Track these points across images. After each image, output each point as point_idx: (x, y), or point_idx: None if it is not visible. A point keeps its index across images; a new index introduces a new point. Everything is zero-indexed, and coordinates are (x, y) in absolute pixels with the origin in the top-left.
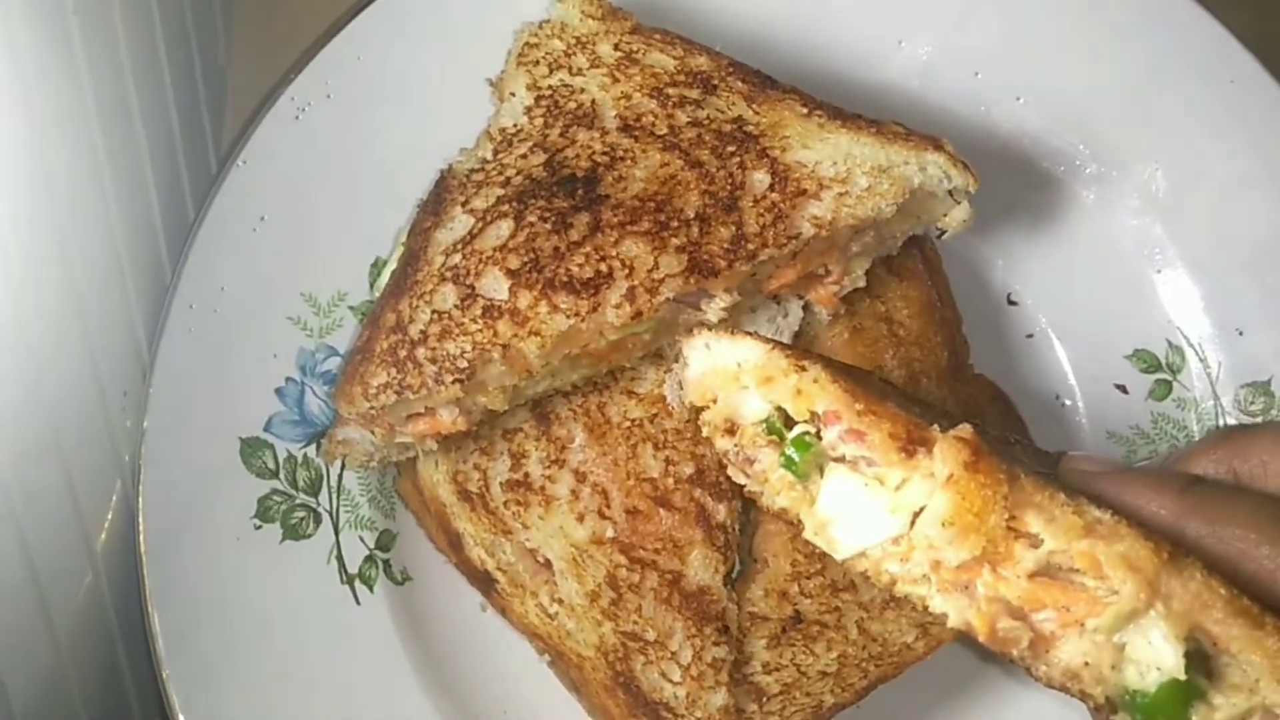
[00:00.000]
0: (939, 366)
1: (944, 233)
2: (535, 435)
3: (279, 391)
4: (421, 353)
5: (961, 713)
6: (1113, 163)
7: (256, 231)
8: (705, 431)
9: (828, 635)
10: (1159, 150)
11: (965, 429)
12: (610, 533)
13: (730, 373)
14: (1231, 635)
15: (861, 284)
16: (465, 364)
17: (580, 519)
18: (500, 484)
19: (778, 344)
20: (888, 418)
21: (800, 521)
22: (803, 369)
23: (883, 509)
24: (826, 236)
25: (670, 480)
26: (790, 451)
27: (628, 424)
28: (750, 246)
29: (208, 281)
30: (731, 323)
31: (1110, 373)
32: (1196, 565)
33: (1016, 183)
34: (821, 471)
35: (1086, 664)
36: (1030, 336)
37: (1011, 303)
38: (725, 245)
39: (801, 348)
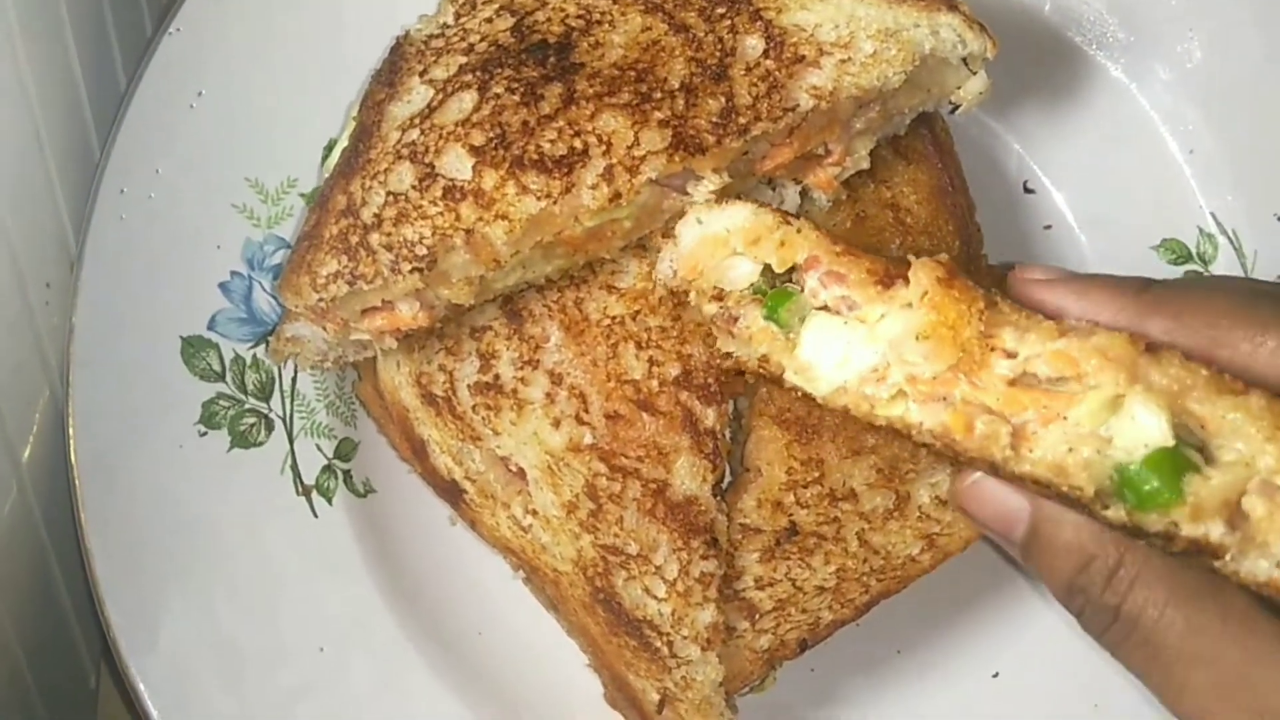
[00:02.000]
0: (949, 256)
1: (957, 108)
2: (506, 334)
3: (224, 286)
4: (375, 239)
5: (969, 629)
6: (1143, 31)
7: (194, 108)
8: (693, 299)
9: (825, 548)
10: (1195, 14)
11: (941, 255)
12: (589, 439)
13: (720, 239)
14: (1218, 413)
15: (865, 166)
16: (424, 251)
17: (556, 424)
18: (468, 386)
19: (768, 206)
20: (865, 257)
21: (781, 366)
22: (787, 222)
23: (862, 342)
24: (826, 109)
25: (654, 382)
26: (771, 302)
27: (607, 321)
28: (742, 120)
29: (141, 163)
30: None
31: (1135, 265)
32: (1174, 353)
33: (1036, 55)
34: (803, 322)
35: (1070, 450)
36: (1049, 227)
37: (1029, 190)
38: (714, 119)
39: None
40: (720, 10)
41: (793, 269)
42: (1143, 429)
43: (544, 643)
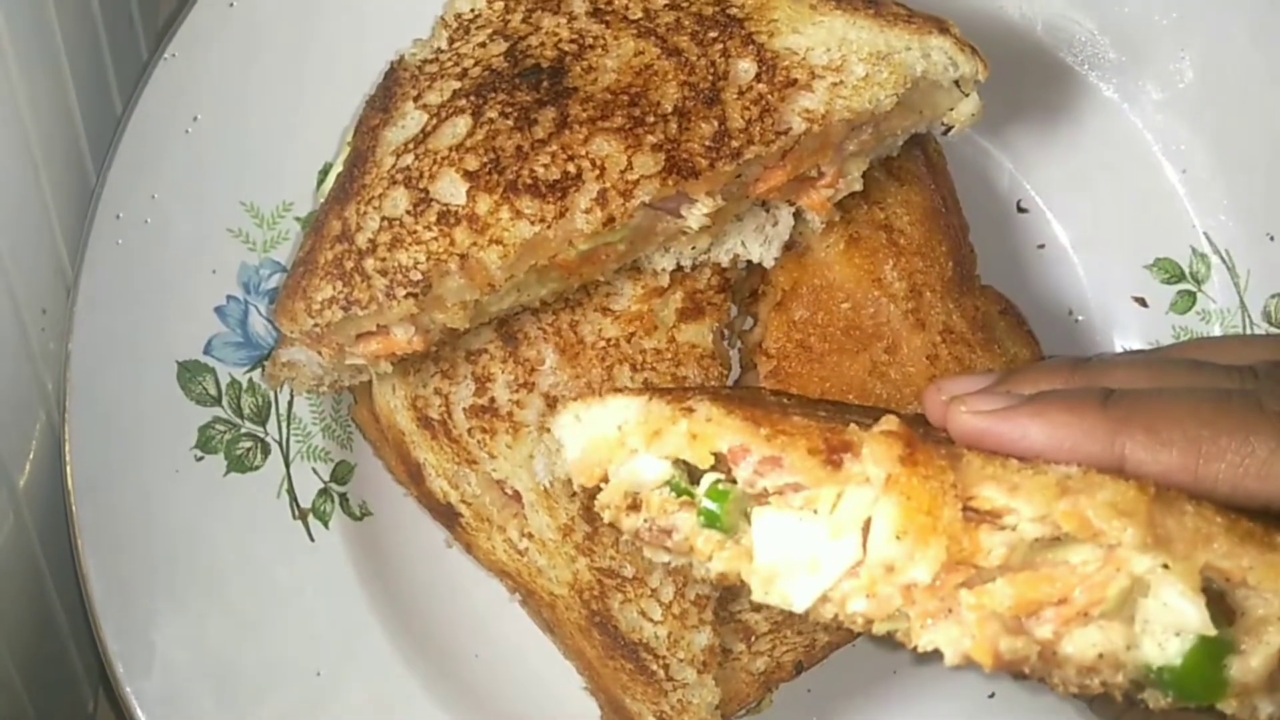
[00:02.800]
0: (943, 278)
1: (950, 130)
2: (501, 356)
3: (219, 310)
4: (370, 264)
5: None
6: (1135, 51)
7: (189, 133)
8: (607, 517)
9: None
10: (1187, 35)
11: (889, 420)
12: None
13: (613, 440)
14: (1243, 565)
15: (858, 188)
16: (419, 276)
17: None
18: (464, 410)
19: (653, 390)
20: (800, 433)
21: (744, 583)
22: (689, 410)
23: (827, 537)
24: (819, 132)
25: None
26: (707, 504)
27: (602, 344)
28: (735, 144)
29: (136, 188)
30: (715, 231)
31: (1128, 284)
32: (1182, 496)
33: (1028, 75)
34: (748, 518)
35: (1101, 655)
36: (1042, 246)
37: (1022, 209)
38: (707, 143)
39: (679, 388)
40: (712, 34)
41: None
42: (1176, 615)
43: (541, 665)
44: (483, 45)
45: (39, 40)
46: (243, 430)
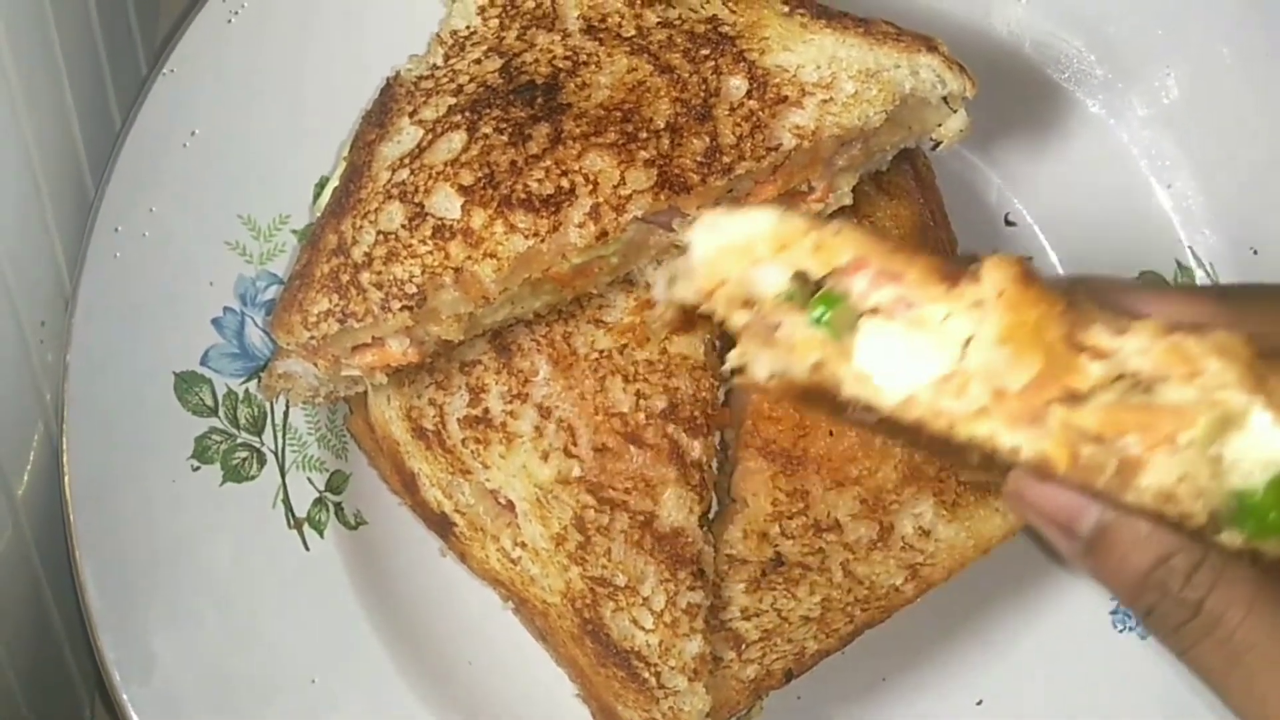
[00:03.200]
0: None
1: (938, 145)
2: (495, 368)
3: (216, 322)
4: (366, 277)
5: (952, 657)
6: (1121, 68)
7: (188, 147)
8: (720, 309)
9: (810, 578)
10: (1173, 53)
11: (1014, 255)
12: (577, 471)
13: (740, 248)
14: None
15: (848, 202)
16: (414, 289)
17: (545, 457)
18: (458, 420)
19: (795, 211)
20: (922, 254)
21: (836, 377)
22: (822, 225)
23: (928, 347)
24: (809, 148)
25: (641, 415)
26: (818, 309)
27: (595, 355)
28: (726, 159)
29: (135, 202)
30: None
31: None
32: None
33: (1016, 92)
34: (855, 327)
35: (1182, 479)
36: (1029, 259)
37: (1009, 223)
38: (699, 158)
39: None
40: (704, 52)
41: (827, 275)
42: (1265, 448)
43: (534, 673)
44: (478, 62)
45: (39, 54)
46: (239, 440)
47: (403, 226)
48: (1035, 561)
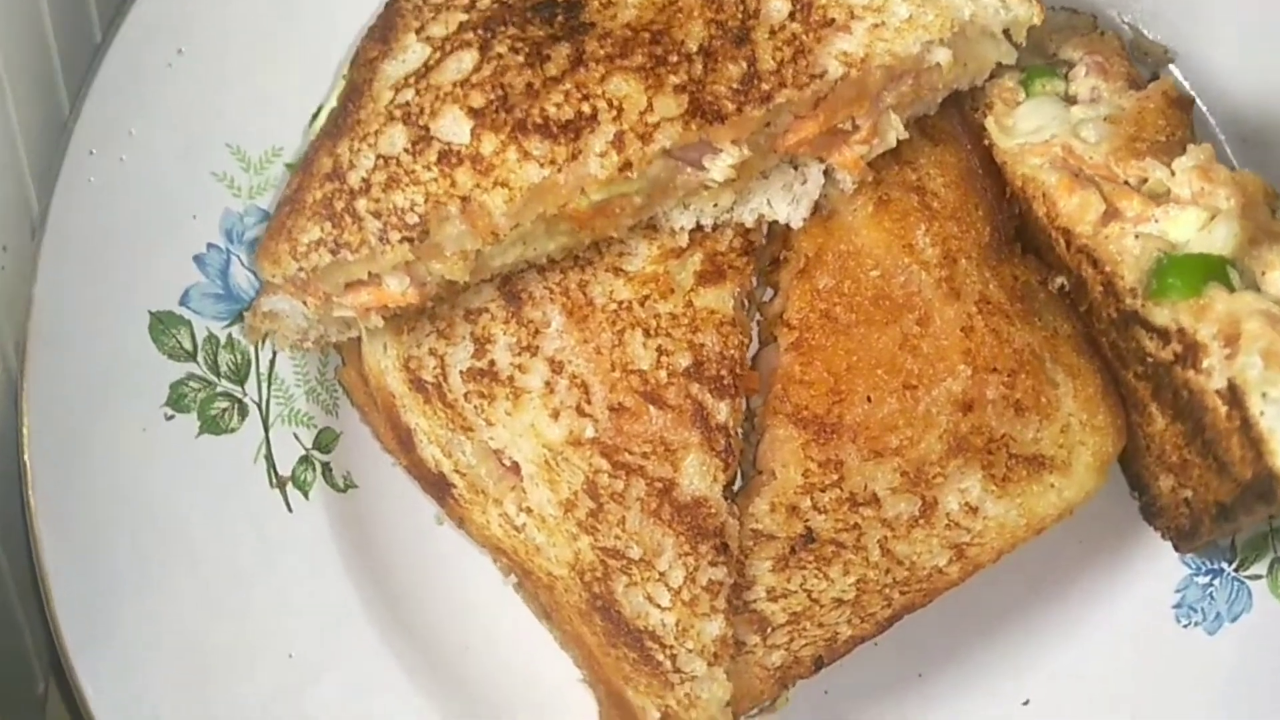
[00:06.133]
0: (979, 244)
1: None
2: (503, 317)
3: (198, 259)
4: (363, 205)
5: (998, 652)
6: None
7: (172, 66)
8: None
9: (844, 557)
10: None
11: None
12: (590, 432)
13: None
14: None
15: (893, 144)
16: (416, 219)
17: (555, 416)
18: (461, 372)
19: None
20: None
21: (997, 111)
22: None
23: (1061, 119)
24: (856, 79)
25: (663, 373)
26: (1030, 73)
27: (614, 306)
28: (765, 87)
29: (113, 123)
30: (739, 186)
31: None
32: None
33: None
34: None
35: (1135, 239)
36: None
37: None
38: (734, 85)
39: None
40: None
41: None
42: (1212, 240)
43: (535, 655)
44: None
45: None
46: (219, 389)
47: (405, 151)
48: (1093, 545)
